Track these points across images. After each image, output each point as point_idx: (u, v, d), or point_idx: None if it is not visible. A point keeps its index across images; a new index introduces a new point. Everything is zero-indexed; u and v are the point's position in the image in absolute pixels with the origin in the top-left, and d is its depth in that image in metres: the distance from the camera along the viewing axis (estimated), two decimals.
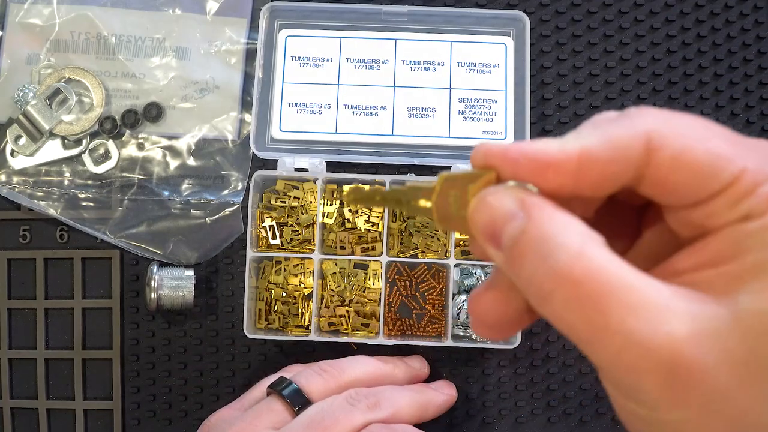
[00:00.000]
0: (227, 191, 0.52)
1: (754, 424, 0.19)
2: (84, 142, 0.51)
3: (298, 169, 0.50)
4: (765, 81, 0.52)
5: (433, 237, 0.50)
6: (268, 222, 0.50)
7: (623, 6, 0.53)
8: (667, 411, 0.20)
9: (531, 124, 0.51)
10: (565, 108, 0.53)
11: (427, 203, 0.24)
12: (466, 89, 0.51)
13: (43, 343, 0.51)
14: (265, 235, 0.50)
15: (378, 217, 0.51)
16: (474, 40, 0.52)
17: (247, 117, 0.52)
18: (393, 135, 0.51)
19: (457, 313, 0.49)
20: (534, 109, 0.52)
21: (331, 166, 0.51)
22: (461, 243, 0.50)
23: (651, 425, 0.21)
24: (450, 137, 0.51)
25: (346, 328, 0.50)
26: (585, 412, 0.50)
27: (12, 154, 0.51)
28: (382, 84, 0.52)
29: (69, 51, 0.52)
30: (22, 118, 0.50)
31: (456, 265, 0.50)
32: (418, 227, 0.50)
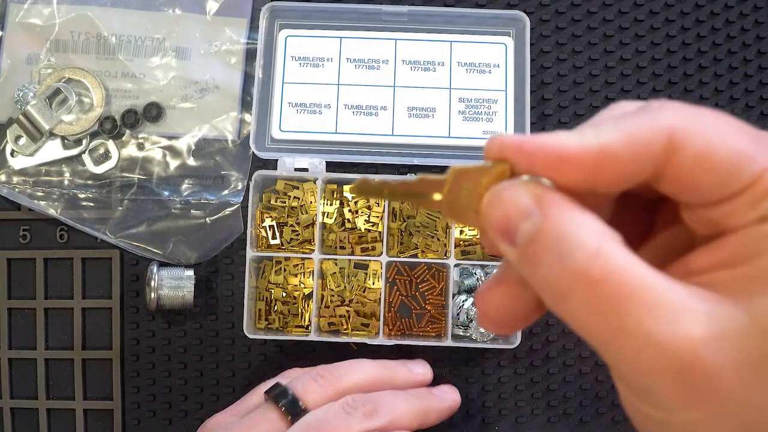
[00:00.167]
0: (227, 191, 0.52)
1: None
2: (84, 142, 0.51)
3: (298, 169, 0.50)
4: (765, 81, 0.52)
5: (433, 237, 0.50)
6: (268, 222, 0.50)
7: (623, 6, 0.53)
8: (681, 413, 0.19)
9: (531, 124, 0.51)
10: (565, 108, 0.53)
11: (438, 196, 0.23)
12: (466, 89, 0.51)
13: (43, 343, 0.51)
14: (265, 235, 0.50)
15: (378, 217, 0.50)
16: (474, 40, 0.52)
17: (247, 117, 0.52)
18: (393, 135, 0.51)
19: (457, 313, 0.49)
20: (534, 109, 0.52)
21: (331, 166, 0.51)
22: (461, 243, 0.50)
23: (663, 426, 0.21)
24: (450, 137, 0.51)
25: (346, 328, 0.50)
26: (585, 412, 0.50)
27: (12, 154, 0.51)
28: (382, 84, 0.52)
29: (69, 51, 0.52)
30: (22, 118, 0.50)
31: (456, 265, 0.50)
32: (418, 227, 0.50)
